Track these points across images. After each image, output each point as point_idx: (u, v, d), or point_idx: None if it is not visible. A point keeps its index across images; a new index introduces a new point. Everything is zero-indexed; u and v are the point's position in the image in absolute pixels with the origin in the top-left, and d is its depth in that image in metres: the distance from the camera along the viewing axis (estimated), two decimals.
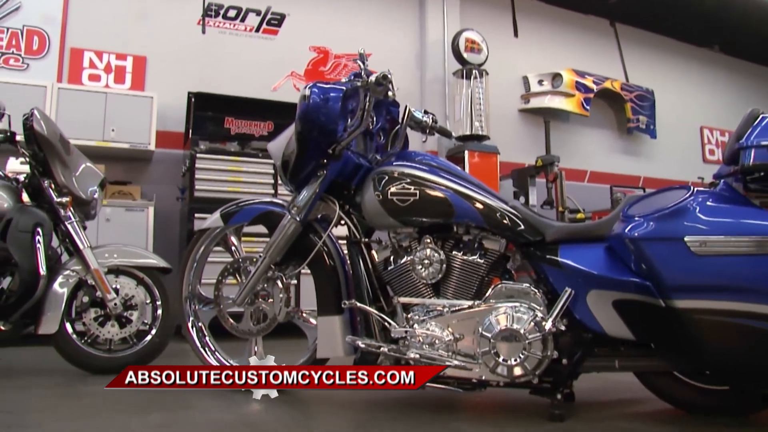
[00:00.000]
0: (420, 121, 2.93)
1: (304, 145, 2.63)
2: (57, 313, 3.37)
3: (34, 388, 3.04)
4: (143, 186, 5.91)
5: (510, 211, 2.48)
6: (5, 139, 3.52)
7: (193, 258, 3.12)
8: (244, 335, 2.90)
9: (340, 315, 2.63)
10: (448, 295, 2.50)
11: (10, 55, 5.88)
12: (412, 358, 2.41)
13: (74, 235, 3.48)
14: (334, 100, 2.53)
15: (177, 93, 5.96)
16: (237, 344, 3.01)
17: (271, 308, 2.83)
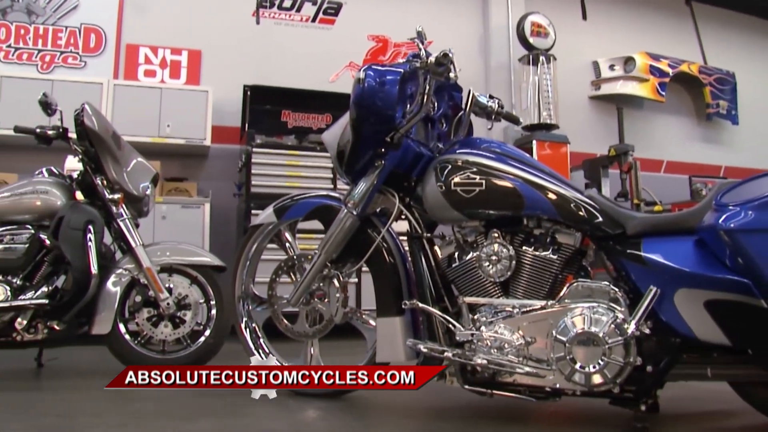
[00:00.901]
0: (485, 106, 2.76)
1: (359, 134, 2.49)
2: (110, 313, 3.33)
3: (86, 390, 2.99)
4: (199, 182, 5.93)
5: (586, 202, 2.28)
6: (58, 136, 3.50)
7: (246, 256, 3.03)
8: (299, 337, 2.78)
9: (400, 316, 2.47)
10: (518, 294, 2.32)
11: (68, 53, 6.00)
12: (479, 364, 2.24)
13: (126, 233, 3.45)
14: (391, 83, 2.38)
15: (232, 87, 5.94)
16: (293, 346, 2.89)
17: (328, 309, 2.70)
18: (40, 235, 3.30)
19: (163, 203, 5.37)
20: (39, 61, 5.93)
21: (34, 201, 3.39)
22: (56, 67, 5.94)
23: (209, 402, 2.42)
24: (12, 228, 3.33)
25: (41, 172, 3.59)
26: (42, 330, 3.25)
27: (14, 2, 6.00)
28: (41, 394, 2.83)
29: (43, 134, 3.48)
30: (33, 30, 5.97)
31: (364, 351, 2.69)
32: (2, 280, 3.25)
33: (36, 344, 3.33)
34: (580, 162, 6.94)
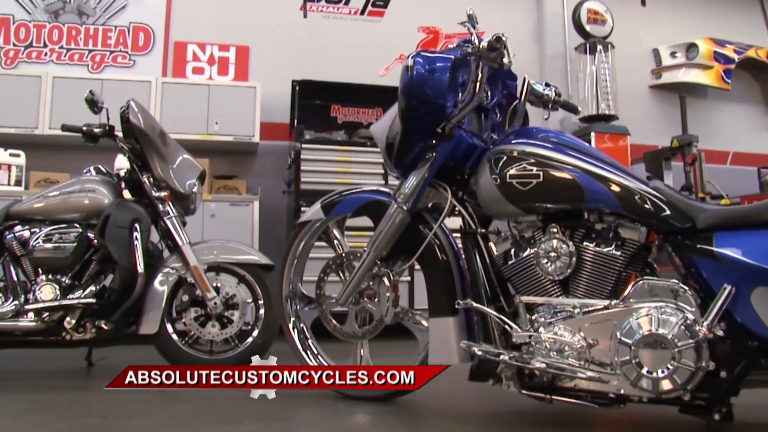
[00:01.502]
0: (541, 94, 2.65)
1: (409, 124, 2.39)
2: (157, 312, 3.33)
3: (133, 391, 2.96)
4: (248, 180, 5.91)
5: (651, 194, 2.14)
6: (104, 134, 3.51)
7: (293, 254, 2.97)
8: (348, 338, 2.71)
9: (454, 316, 2.37)
10: (578, 293, 2.19)
11: (118, 52, 6.08)
12: (538, 368, 2.12)
13: (173, 231, 3.43)
14: (441, 70, 2.28)
15: (281, 82, 5.91)
16: (343, 346, 2.81)
17: (378, 308, 2.62)
18: (88, 234, 3.30)
19: (212, 201, 5.37)
20: (90, 61, 6.02)
21: (82, 200, 3.40)
22: (106, 67, 6.02)
23: (253, 405, 2.36)
24: (61, 227, 3.35)
25: (89, 170, 3.61)
26: (90, 329, 3.26)
27: (66, 4, 6.11)
28: (87, 394, 2.82)
29: (89, 132, 3.49)
30: (84, 30, 6.07)
31: (416, 352, 2.60)
32: (51, 279, 3.27)
33: (85, 344, 3.33)
34: (640, 154, 6.72)
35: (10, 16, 6.01)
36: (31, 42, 5.99)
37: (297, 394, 2.72)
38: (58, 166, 5.31)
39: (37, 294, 3.23)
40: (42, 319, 3.21)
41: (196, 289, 3.38)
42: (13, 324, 3.21)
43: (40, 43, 6.00)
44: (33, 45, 5.99)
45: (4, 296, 3.29)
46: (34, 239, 3.32)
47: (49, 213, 3.40)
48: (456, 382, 2.53)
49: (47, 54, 5.99)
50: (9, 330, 3.21)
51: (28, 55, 5.97)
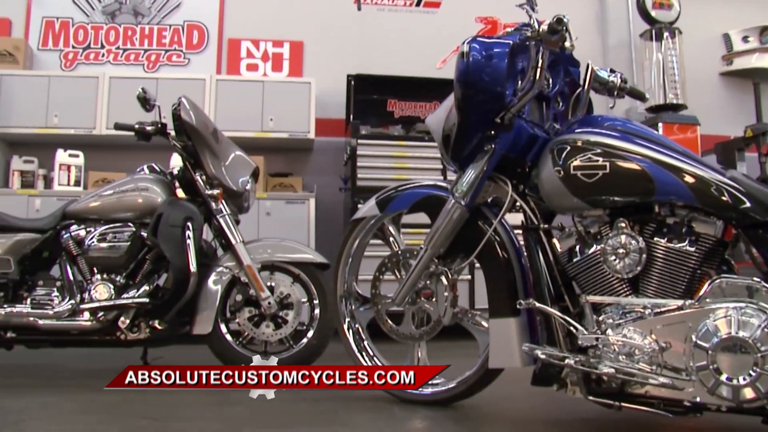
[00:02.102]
0: (606, 81, 2.52)
1: (466, 115, 2.30)
2: (211, 312, 3.32)
3: (184, 392, 2.93)
4: (304, 177, 5.90)
5: (729, 185, 1.99)
6: (156, 131, 3.51)
7: (348, 252, 2.91)
8: (405, 339, 2.64)
9: (515, 317, 2.27)
10: (649, 292, 2.06)
11: (172, 51, 6.14)
12: (606, 373, 2.00)
13: (226, 230, 3.41)
14: (499, 56, 2.18)
15: (336, 77, 5.88)
16: (400, 347, 2.74)
17: (435, 309, 2.54)
18: (142, 233, 3.30)
19: (267, 199, 5.37)
20: (145, 61, 6.10)
21: (135, 199, 3.40)
22: (161, 66, 6.09)
23: (306, 409, 2.33)
24: (115, 226, 3.36)
25: (142, 169, 3.62)
26: (144, 329, 3.27)
27: (122, 5, 6.20)
28: (140, 395, 2.79)
29: (141, 130, 3.50)
30: (139, 30, 6.15)
31: (476, 354, 2.50)
32: (106, 279, 3.29)
33: (139, 343, 3.33)
34: (711, 145, 6.44)
35: (69, 18, 6.13)
36: (89, 44, 6.10)
37: (351, 397, 2.70)
38: (116, 166, 5.38)
39: (93, 293, 3.26)
40: (97, 319, 3.23)
41: (250, 289, 3.36)
42: (69, 323, 3.24)
43: (98, 44, 6.10)
44: (91, 46, 6.10)
45: (61, 295, 3.32)
46: (89, 239, 3.34)
47: (104, 212, 3.42)
48: (518, 386, 2.43)
49: (104, 55, 6.09)
50: (66, 329, 3.25)
51: (86, 56, 6.08)
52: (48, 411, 2.55)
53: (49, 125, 5.51)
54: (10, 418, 2.42)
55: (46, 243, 3.43)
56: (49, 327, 3.23)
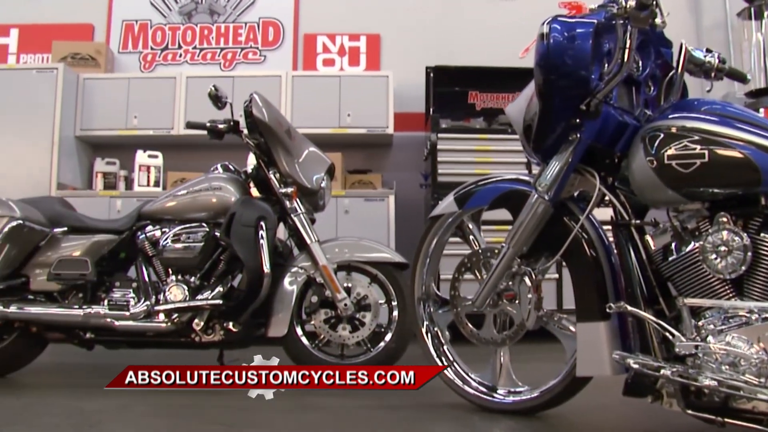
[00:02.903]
0: (702, 62, 2.35)
1: (548, 102, 2.17)
2: (286, 314, 3.29)
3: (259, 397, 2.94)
4: (384, 173, 5.84)
5: None
6: (229, 129, 3.50)
7: (425, 252, 2.82)
8: (486, 344, 2.52)
9: (605, 321, 2.12)
10: (755, 294, 1.88)
11: (248, 48, 6.20)
12: (707, 386, 1.84)
13: (301, 229, 3.37)
14: (582, 37, 2.04)
15: (414, 69, 5.79)
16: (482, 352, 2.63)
17: (518, 311, 2.41)
18: (216, 233, 3.29)
19: (346, 197, 5.34)
20: (221, 60, 6.18)
21: (209, 198, 3.41)
22: (237, 64, 6.17)
23: (385, 416, 2.26)
24: (189, 226, 3.37)
25: (216, 168, 3.62)
26: (218, 331, 3.27)
27: (198, 4, 6.31)
28: (215, 399, 2.78)
29: (213, 128, 3.50)
30: (215, 29, 6.25)
31: (564, 360, 2.36)
32: (181, 280, 3.31)
33: (214, 346, 3.33)
34: None
35: (147, 21, 6.28)
36: (167, 44, 6.23)
37: (431, 405, 2.64)
38: (194, 166, 5.43)
39: (167, 295, 3.28)
40: (171, 321, 3.24)
41: (326, 290, 3.31)
42: (145, 325, 3.27)
43: (175, 44, 6.23)
44: (168, 47, 6.23)
45: (137, 297, 3.35)
46: (164, 239, 3.36)
47: (178, 212, 3.44)
48: (608, 395, 2.29)
49: (181, 55, 6.20)
50: (141, 330, 3.28)
51: (164, 57, 6.21)
52: (123, 414, 2.56)
53: (129, 127, 5.64)
54: (88, 420, 2.44)
55: (122, 244, 3.47)
56: (125, 328, 3.27)
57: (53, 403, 2.63)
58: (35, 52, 6.34)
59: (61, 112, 5.49)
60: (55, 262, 3.34)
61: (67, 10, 6.36)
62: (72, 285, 3.36)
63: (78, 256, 3.37)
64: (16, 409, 2.59)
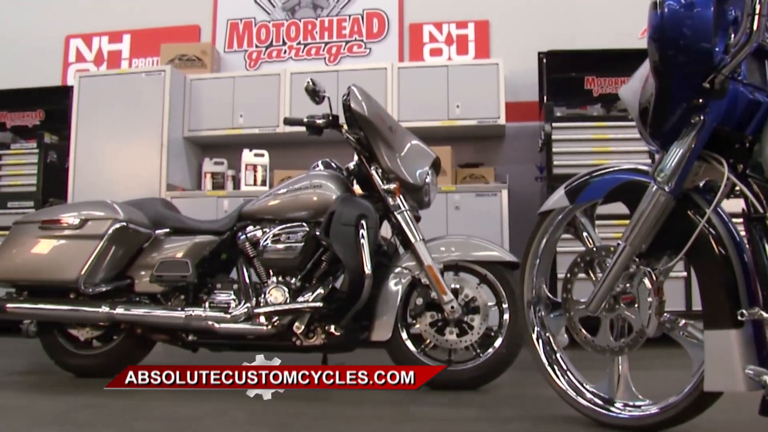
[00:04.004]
0: None
1: (665, 81, 1.97)
2: (390, 317, 3.19)
3: (365, 403, 2.85)
4: (497, 167, 5.70)
5: None
6: (327, 124, 3.44)
7: (535, 251, 2.65)
8: (602, 352, 2.32)
9: (737, 330, 1.89)
10: None
11: (353, 42, 6.21)
12: None
13: (405, 227, 3.26)
14: (702, 3, 1.83)
15: (525, 56, 5.63)
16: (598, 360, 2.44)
17: (637, 317, 2.20)
18: (317, 232, 3.24)
19: (456, 192, 5.23)
20: (326, 54, 6.22)
21: (310, 197, 3.36)
22: (342, 58, 6.19)
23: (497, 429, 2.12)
24: (289, 226, 3.34)
25: (317, 165, 3.58)
26: (320, 335, 3.22)
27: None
28: (319, 407, 2.74)
29: (311, 124, 3.44)
30: (319, 24, 6.29)
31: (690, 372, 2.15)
32: (281, 282, 3.28)
33: (316, 349, 3.28)
34: None
35: (252, 18, 6.39)
36: (271, 41, 6.32)
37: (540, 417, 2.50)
38: (301, 164, 5.42)
39: (267, 297, 3.25)
40: (272, 324, 3.22)
41: (432, 291, 3.19)
42: (245, 327, 3.27)
43: (279, 41, 6.30)
44: (273, 44, 6.32)
45: (237, 299, 3.36)
46: (264, 240, 3.34)
47: (278, 212, 3.42)
48: (742, 412, 2.08)
49: (286, 51, 6.27)
50: (242, 333, 3.28)
51: (269, 54, 6.30)
52: (220, 419, 2.54)
53: (235, 126, 5.74)
54: (184, 426, 2.43)
55: (223, 245, 3.48)
56: (225, 331, 3.27)
57: (151, 406, 2.64)
58: (146, 56, 6.59)
59: (169, 113, 5.66)
60: (157, 263, 3.41)
61: (174, 13, 6.56)
62: (174, 287, 3.42)
63: (179, 257, 3.41)
64: (115, 411, 2.61)
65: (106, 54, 6.78)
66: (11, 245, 3.50)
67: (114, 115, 5.76)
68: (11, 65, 6.88)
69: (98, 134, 5.78)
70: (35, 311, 3.44)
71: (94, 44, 6.83)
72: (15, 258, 3.45)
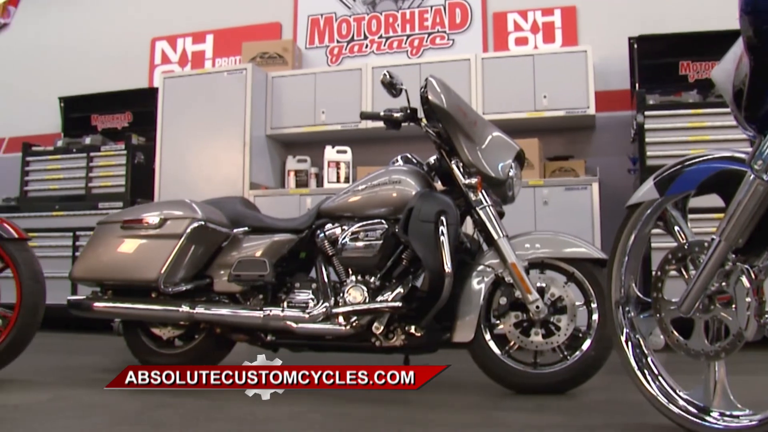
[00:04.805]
0: None
1: (760, 58, 1.82)
2: (473, 317, 3.10)
3: (446, 407, 2.81)
4: (587, 159, 5.52)
5: None
6: (405, 118, 3.38)
7: (623, 247, 2.51)
8: (697, 356, 2.17)
9: None
10: None
11: (435, 33, 6.16)
12: None
13: (487, 223, 3.17)
14: None
15: (615, 42, 5.46)
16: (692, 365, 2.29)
17: (735, 319, 2.05)
18: (395, 230, 3.18)
19: (544, 186, 5.10)
20: (408, 47, 6.18)
21: (389, 193, 3.32)
22: (425, 50, 6.15)
23: None
24: (368, 223, 3.30)
25: (397, 160, 3.53)
26: (400, 335, 3.17)
27: None
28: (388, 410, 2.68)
29: (389, 117, 3.39)
30: (400, 16, 6.25)
31: None
32: (360, 281, 3.24)
33: (396, 351, 3.23)
34: None
35: (332, 13, 6.41)
36: (353, 36, 6.32)
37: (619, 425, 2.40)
38: (384, 161, 5.37)
39: (346, 296, 3.22)
40: (350, 324, 3.19)
41: (516, 290, 3.08)
42: (324, 327, 3.25)
43: (361, 35, 6.29)
44: (354, 39, 6.32)
45: (316, 298, 3.34)
46: (343, 238, 3.30)
47: (357, 209, 3.39)
48: None
49: (367, 46, 6.26)
50: (320, 334, 3.27)
51: (350, 49, 6.31)
52: (295, 422, 2.50)
53: (317, 123, 5.75)
54: (259, 428, 2.40)
55: (302, 243, 3.48)
56: (303, 331, 3.26)
57: (228, 407, 2.64)
58: (228, 55, 6.70)
59: (251, 111, 5.72)
60: (235, 263, 3.43)
61: (256, 11, 6.65)
62: (252, 286, 3.43)
63: (257, 256, 3.42)
64: (191, 411, 2.62)
65: (190, 55, 6.94)
66: (95, 245, 3.59)
67: (197, 115, 5.88)
68: (101, 69, 7.13)
69: (182, 134, 5.91)
70: (119, 310, 3.53)
71: (179, 45, 7.01)
72: (99, 258, 3.55)
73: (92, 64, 7.21)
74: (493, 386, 3.05)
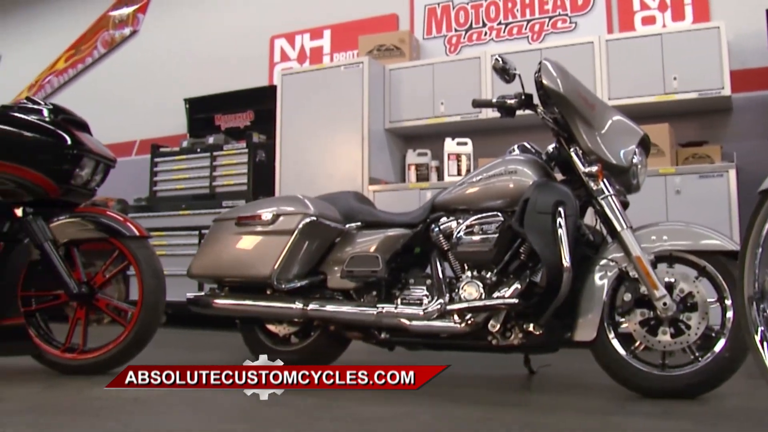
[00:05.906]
0: None
1: None
2: (595, 315, 2.94)
3: (564, 409, 2.70)
4: (723, 144, 5.18)
5: None
6: (520, 104, 3.24)
7: (756, 238, 2.30)
8: None
9: None
10: None
11: (557, 17, 6.01)
12: None
13: (610, 214, 3.00)
14: None
15: (752, 15, 5.09)
16: None
17: None
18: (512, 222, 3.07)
19: (676, 174, 4.82)
20: (529, 32, 6.04)
21: (506, 184, 3.20)
22: (546, 35, 5.97)
23: None
24: (483, 216, 3.20)
25: (513, 149, 3.42)
26: (518, 334, 3.04)
27: None
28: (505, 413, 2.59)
29: (502, 104, 3.27)
30: (520, 1, 6.03)
31: None
32: (476, 276, 3.14)
33: (514, 350, 3.13)
34: None
35: (449, 2, 6.30)
36: (471, 24, 6.22)
37: None
38: (505, 152, 5.31)
39: (461, 293, 3.14)
40: (465, 321, 3.09)
41: (641, 286, 2.90)
42: (438, 325, 3.16)
43: (479, 23, 6.18)
44: (473, 27, 6.21)
45: (430, 295, 3.27)
46: (458, 231, 3.22)
47: (472, 201, 3.29)
48: None
49: (486, 33, 6.15)
50: (434, 331, 3.19)
51: (469, 38, 6.22)
52: (403, 422, 2.46)
53: (436, 114, 5.70)
54: (367, 430, 2.37)
55: (416, 238, 3.41)
56: (417, 329, 3.20)
57: (336, 406, 2.63)
58: (346, 49, 6.76)
59: (368, 105, 5.74)
60: (348, 258, 3.41)
61: (372, 4, 6.68)
62: (366, 282, 3.40)
63: (369, 252, 3.40)
64: (299, 409, 2.61)
65: (309, 51, 7.04)
66: (212, 242, 3.67)
67: (315, 111, 5.94)
68: (223, 70, 7.36)
69: (301, 131, 5.99)
70: (236, 307, 3.58)
71: (297, 42, 7.12)
72: (215, 254, 3.62)
73: (215, 65, 7.45)
74: (618, 389, 2.89)
